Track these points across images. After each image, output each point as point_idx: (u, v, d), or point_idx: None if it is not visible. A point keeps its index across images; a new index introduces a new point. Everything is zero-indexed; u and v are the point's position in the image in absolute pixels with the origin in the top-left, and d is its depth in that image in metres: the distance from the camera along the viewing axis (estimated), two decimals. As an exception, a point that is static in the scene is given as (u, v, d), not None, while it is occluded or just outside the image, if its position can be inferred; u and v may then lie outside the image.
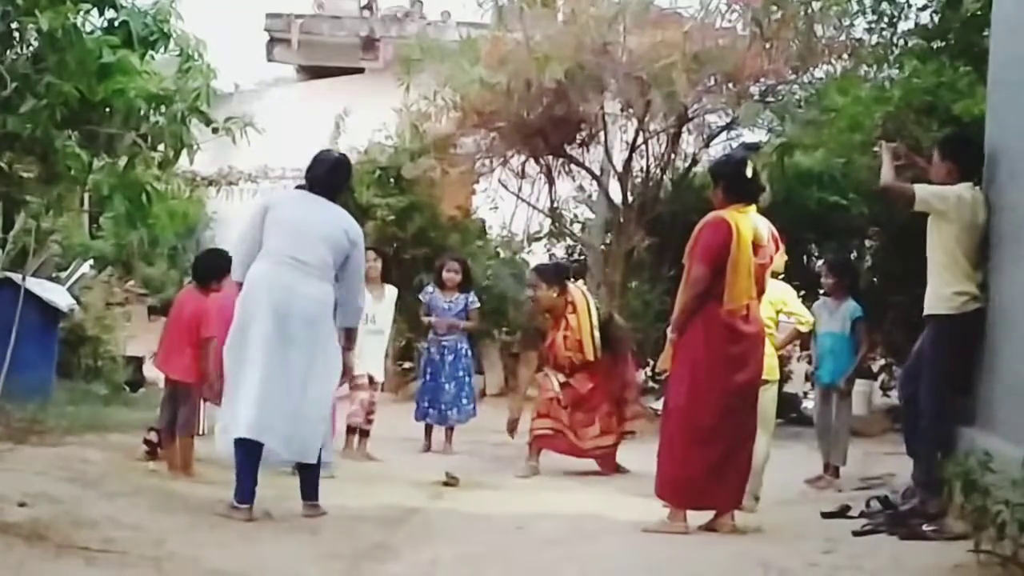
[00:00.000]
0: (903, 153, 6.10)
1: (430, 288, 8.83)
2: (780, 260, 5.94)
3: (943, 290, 5.61)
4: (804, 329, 7.17)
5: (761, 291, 5.70)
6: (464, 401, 8.72)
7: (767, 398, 6.55)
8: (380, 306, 8.12)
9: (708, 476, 5.48)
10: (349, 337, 5.74)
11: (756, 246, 5.53)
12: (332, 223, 5.53)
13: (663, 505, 5.65)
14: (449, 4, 17.61)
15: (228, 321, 5.57)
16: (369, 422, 8.11)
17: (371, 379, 8.07)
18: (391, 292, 8.31)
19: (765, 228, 5.66)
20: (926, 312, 5.75)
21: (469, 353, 8.91)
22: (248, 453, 5.32)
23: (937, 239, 5.65)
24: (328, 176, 5.67)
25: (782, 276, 7.16)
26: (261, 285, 5.35)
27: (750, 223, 5.54)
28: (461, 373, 8.75)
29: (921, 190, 5.66)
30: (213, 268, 6.57)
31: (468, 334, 8.93)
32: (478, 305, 8.99)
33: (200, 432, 6.43)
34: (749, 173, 5.62)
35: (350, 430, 7.95)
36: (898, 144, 6.24)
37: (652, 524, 5.56)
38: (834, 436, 7.45)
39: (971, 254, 5.57)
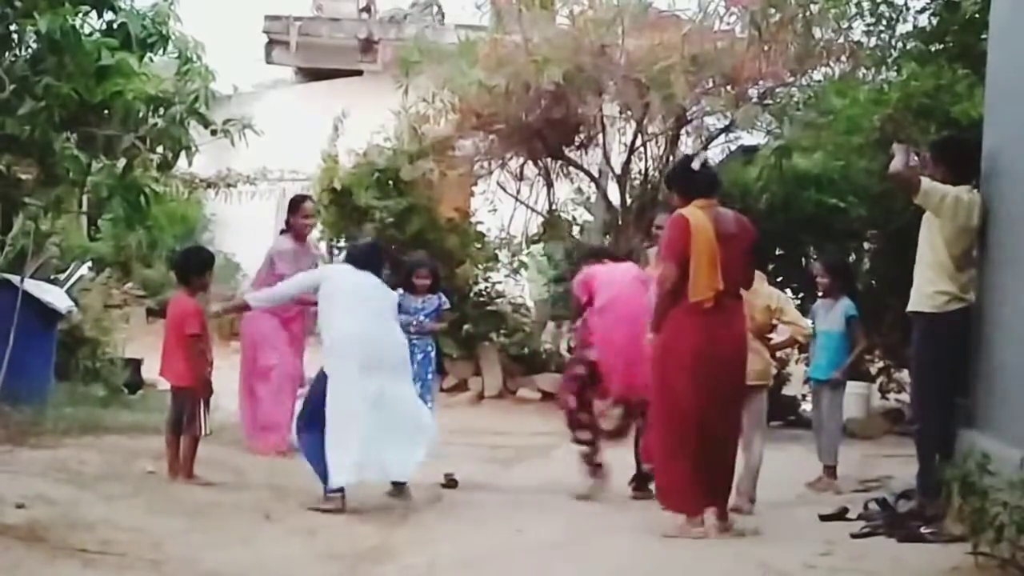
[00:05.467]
0: (921, 157, 6.11)
1: (399, 291, 8.76)
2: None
3: (926, 288, 5.67)
4: (802, 340, 7.18)
5: (740, 283, 5.65)
6: (429, 404, 8.66)
7: (759, 401, 6.56)
8: None
9: (692, 477, 5.43)
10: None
11: (722, 236, 5.50)
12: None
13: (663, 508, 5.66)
14: (448, 6, 17.68)
15: None
16: None
17: None
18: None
19: (732, 219, 5.66)
20: (909, 308, 5.81)
21: (435, 355, 8.86)
22: None
23: (927, 237, 5.70)
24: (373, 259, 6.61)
25: (781, 279, 7.15)
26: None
27: (710, 215, 5.54)
28: (429, 376, 8.70)
29: (926, 183, 5.68)
30: (188, 264, 6.66)
31: (435, 336, 8.89)
32: (448, 307, 8.99)
33: (206, 432, 6.41)
34: (696, 166, 5.73)
35: None
36: (915, 148, 6.25)
37: (669, 530, 5.49)
38: (821, 432, 7.43)
39: (958, 255, 5.61)
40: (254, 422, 7.65)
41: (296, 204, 8.14)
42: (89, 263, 11.29)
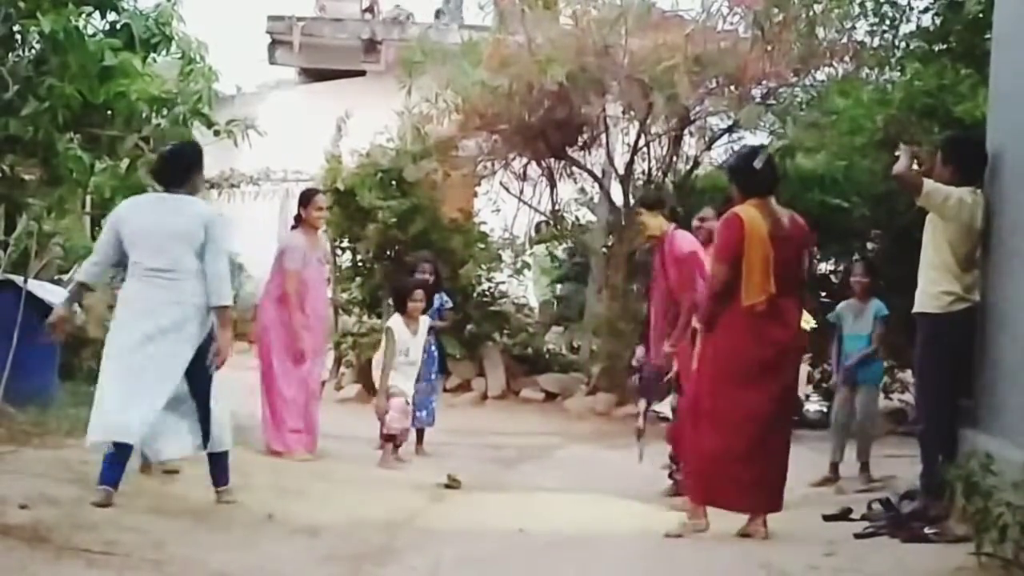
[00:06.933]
0: (923, 157, 6.10)
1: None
2: None
3: (930, 288, 5.67)
4: (807, 328, 7.19)
5: (795, 283, 5.53)
6: (432, 404, 8.62)
7: None
8: (416, 340, 8.03)
9: (731, 476, 5.36)
10: (221, 317, 5.53)
11: (777, 238, 5.37)
12: (183, 220, 5.43)
13: (671, 508, 5.63)
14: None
15: None
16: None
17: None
18: (424, 324, 8.21)
19: (787, 218, 5.52)
20: (914, 310, 5.80)
21: (439, 355, 8.83)
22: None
23: (932, 238, 5.70)
24: (170, 167, 5.63)
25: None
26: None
27: (766, 215, 5.41)
28: (433, 376, 8.67)
29: (929, 184, 5.67)
30: None
31: (438, 336, 8.87)
32: (451, 305, 8.97)
33: None
34: (758, 165, 5.56)
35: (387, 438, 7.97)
36: (918, 148, 6.24)
37: (673, 529, 5.46)
38: (860, 431, 7.54)
39: (962, 256, 5.60)
40: (278, 423, 7.66)
41: (308, 197, 8.15)
42: (92, 264, 11.28)
